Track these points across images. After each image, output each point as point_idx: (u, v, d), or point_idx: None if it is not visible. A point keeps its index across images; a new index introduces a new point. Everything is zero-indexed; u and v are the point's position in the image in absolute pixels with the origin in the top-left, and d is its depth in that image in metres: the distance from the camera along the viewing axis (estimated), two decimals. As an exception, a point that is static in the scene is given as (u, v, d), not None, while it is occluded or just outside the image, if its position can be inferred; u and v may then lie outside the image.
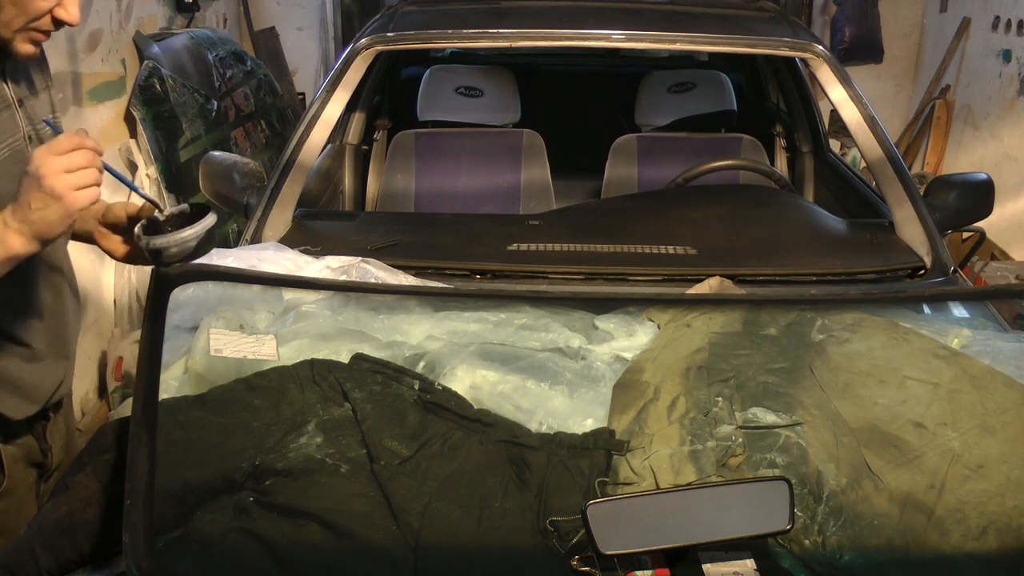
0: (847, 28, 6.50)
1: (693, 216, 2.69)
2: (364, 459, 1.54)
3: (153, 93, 4.04)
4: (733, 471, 1.54)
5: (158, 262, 1.59)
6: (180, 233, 1.57)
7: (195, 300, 1.94)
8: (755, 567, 1.31)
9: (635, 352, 1.87)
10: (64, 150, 1.38)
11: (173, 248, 1.57)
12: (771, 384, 1.71)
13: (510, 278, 2.33)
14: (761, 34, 2.81)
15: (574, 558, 1.34)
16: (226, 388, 1.69)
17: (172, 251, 1.57)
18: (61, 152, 1.38)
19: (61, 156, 1.37)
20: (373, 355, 1.78)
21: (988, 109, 5.54)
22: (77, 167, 1.38)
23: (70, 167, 1.37)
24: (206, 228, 1.59)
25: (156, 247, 1.57)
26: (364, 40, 2.72)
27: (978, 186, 2.67)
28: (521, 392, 1.72)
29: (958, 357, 1.76)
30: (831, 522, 1.45)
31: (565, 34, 2.77)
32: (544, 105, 3.90)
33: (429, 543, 1.39)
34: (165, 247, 1.57)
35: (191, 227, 1.57)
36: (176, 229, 1.58)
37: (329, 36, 6.53)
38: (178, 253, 1.58)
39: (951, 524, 1.43)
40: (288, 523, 1.42)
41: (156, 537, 1.37)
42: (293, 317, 1.96)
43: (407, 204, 3.37)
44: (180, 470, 1.49)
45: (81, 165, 1.38)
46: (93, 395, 3.77)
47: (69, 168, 1.37)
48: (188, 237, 1.57)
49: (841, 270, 2.38)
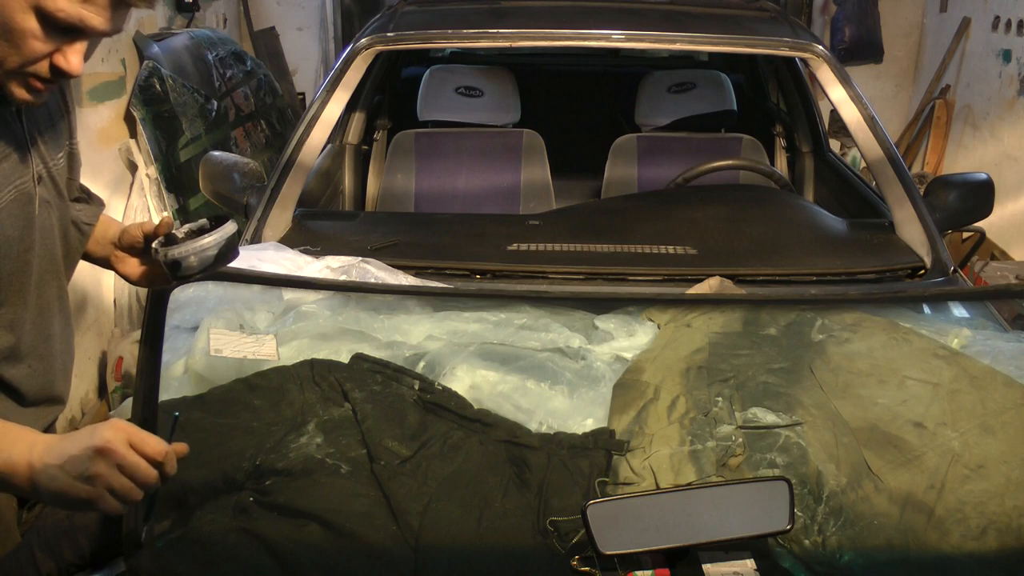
0: (847, 28, 6.50)
1: (693, 216, 2.69)
2: (364, 459, 1.54)
3: (153, 93, 4.04)
4: (733, 471, 1.54)
5: (177, 276, 1.50)
6: (198, 241, 1.47)
7: (195, 300, 1.95)
8: (755, 567, 1.31)
9: (635, 352, 1.87)
10: (143, 453, 1.18)
11: (192, 258, 1.47)
12: (771, 384, 1.71)
13: (510, 278, 2.33)
14: (761, 34, 2.81)
15: (574, 558, 1.34)
16: (226, 388, 1.69)
17: (191, 261, 1.47)
18: (139, 450, 1.18)
19: (132, 456, 1.18)
20: (373, 355, 1.78)
21: (988, 109, 5.54)
22: (132, 474, 1.18)
23: (130, 467, 1.18)
24: (226, 236, 1.49)
25: (174, 257, 1.47)
26: (364, 40, 2.72)
27: (978, 186, 2.67)
28: (521, 392, 1.72)
29: (958, 357, 1.76)
30: (831, 522, 1.45)
31: (565, 34, 2.77)
32: (544, 105, 3.90)
33: (429, 543, 1.39)
34: (183, 257, 1.46)
35: (209, 234, 1.47)
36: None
37: (329, 36, 6.53)
38: (197, 264, 1.48)
39: (951, 524, 1.43)
40: (288, 523, 1.42)
41: (156, 537, 1.37)
42: (293, 317, 1.96)
43: (407, 204, 3.37)
44: (180, 470, 1.48)
45: (138, 478, 1.18)
46: (93, 395, 3.76)
47: (129, 470, 1.18)
48: (207, 245, 1.47)
49: (841, 270, 2.38)
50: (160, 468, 1.19)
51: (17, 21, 1.27)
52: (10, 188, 1.45)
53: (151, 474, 1.18)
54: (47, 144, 1.54)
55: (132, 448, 1.17)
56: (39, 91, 1.36)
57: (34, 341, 1.56)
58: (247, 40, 6.10)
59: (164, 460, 1.19)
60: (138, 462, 1.17)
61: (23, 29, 1.28)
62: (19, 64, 1.31)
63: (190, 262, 1.47)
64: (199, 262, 1.47)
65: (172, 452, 1.21)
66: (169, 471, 1.21)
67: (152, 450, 1.18)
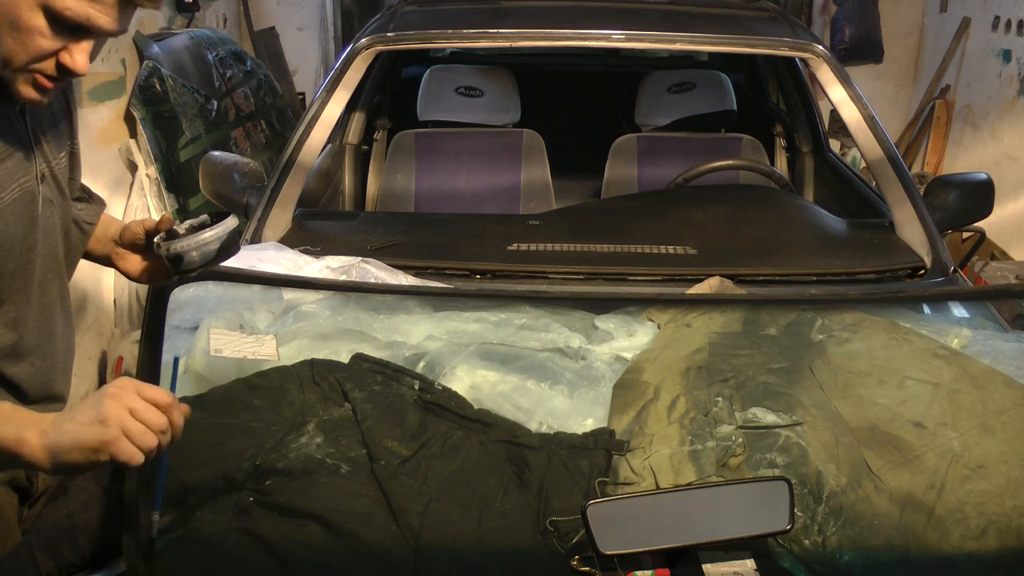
0: (847, 28, 6.50)
1: (693, 216, 2.69)
2: (364, 459, 1.54)
3: (153, 93, 4.04)
4: (733, 471, 1.54)
5: (179, 270, 1.52)
6: (200, 235, 1.49)
7: (195, 300, 1.95)
8: (755, 567, 1.31)
9: (635, 352, 1.87)
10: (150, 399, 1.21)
11: (193, 252, 1.50)
12: (771, 384, 1.71)
13: (510, 278, 2.33)
14: (761, 34, 2.81)
15: (574, 558, 1.34)
16: (226, 388, 1.69)
17: (193, 255, 1.50)
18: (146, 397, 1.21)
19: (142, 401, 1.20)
20: (373, 355, 1.78)
21: (988, 109, 5.54)
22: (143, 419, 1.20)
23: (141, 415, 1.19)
24: (227, 230, 1.51)
25: (176, 251, 1.49)
26: (364, 40, 2.72)
27: (978, 186, 2.67)
28: (521, 392, 1.72)
29: (958, 357, 1.76)
30: (831, 522, 1.45)
31: (565, 34, 2.77)
32: (544, 105, 3.90)
33: (429, 543, 1.39)
34: (185, 251, 1.49)
35: (211, 228, 1.50)
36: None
37: (329, 36, 6.53)
38: (199, 258, 1.50)
39: (951, 524, 1.43)
40: (288, 523, 1.42)
41: (156, 537, 1.37)
42: (293, 317, 1.96)
43: (407, 204, 3.37)
44: (180, 470, 1.48)
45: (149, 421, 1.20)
46: (93, 395, 3.76)
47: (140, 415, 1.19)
48: (208, 239, 1.49)
49: (841, 270, 2.38)
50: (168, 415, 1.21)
51: (25, 19, 1.29)
52: (14, 186, 1.46)
53: (161, 419, 1.20)
54: (50, 144, 1.55)
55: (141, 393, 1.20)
56: (46, 89, 1.37)
57: (36, 339, 1.57)
58: (247, 40, 6.10)
59: (171, 407, 1.21)
60: (148, 407, 1.19)
61: (31, 27, 1.29)
62: (26, 62, 1.33)
63: (192, 256, 1.48)
64: (201, 256, 1.49)
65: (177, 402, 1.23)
66: (175, 420, 1.22)
67: (160, 398, 1.20)
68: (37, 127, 1.52)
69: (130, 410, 1.18)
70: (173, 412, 1.22)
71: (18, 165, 1.47)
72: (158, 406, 1.20)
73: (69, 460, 1.20)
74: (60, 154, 1.58)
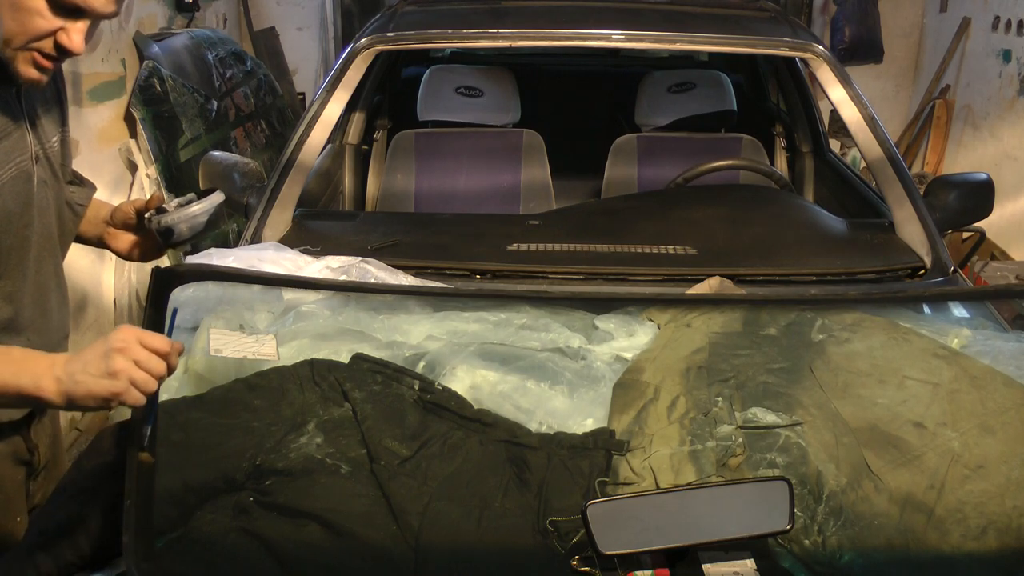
0: (847, 28, 6.50)
1: (693, 216, 2.69)
2: (364, 459, 1.54)
3: (153, 93, 4.04)
4: (733, 471, 1.54)
5: (169, 243, 1.63)
6: (188, 209, 1.61)
7: (195, 300, 1.94)
8: (755, 567, 1.31)
9: (635, 352, 1.87)
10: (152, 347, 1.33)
11: (183, 224, 1.62)
12: (771, 384, 1.71)
13: (510, 278, 2.33)
14: (761, 34, 2.81)
15: (574, 558, 1.34)
16: (226, 388, 1.69)
17: (182, 228, 1.62)
18: (148, 346, 1.33)
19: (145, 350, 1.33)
20: (373, 355, 1.78)
21: (988, 109, 5.54)
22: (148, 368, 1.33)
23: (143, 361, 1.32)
24: (214, 204, 1.63)
25: (167, 224, 1.61)
26: (364, 40, 2.72)
27: (978, 186, 2.67)
28: (521, 392, 1.72)
29: (958, 357, 1.76)
30: (831, 522, 1.45)
31: (565, 34, 2.76)
32: (544, 105, 3.90)
33: (429, 543, 1.39)
34: (175, 223, 1.61)
35: (198, 203, 1.62)
36: None
37: (329, 36, 6.53)
38: (188, 231, 1.62)
39: (951, 524, 1.43)
40: (288, 523, 1.42)
41: (156, 537, 1.37)
42: (293, 317, 1.96)
43: (407, 204, 3.37)
44: (180, 470, 1.49)
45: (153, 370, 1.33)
46: (93, 395, 3.76)
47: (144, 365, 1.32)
48: (197, 212, 1.62)
49: (841, 270, 2.38)
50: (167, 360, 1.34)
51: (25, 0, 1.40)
52: (10, 165, 1.55)
53: (162, 365, 1.33)
54: (43, 127, 1.65)
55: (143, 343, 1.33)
56: (45, 68, 1.48)
57: (32, 315, 1.65)
58: (247, 40, 6.10)
59: (170, 353, 1.34)
60: (151, 356, 1.32)
61: (30, 7, 1.40)
62: (25, 41, 1.43)
63: (181, 228, 1.62)
64: (190, 228, 1.63)
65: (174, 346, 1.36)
66: (173, 363, 1.35)
67: (160, 345, 1.33)
68: (32, 110, 1.61)
69: (135, 361, 1.31)
70: (172, 357, 1.34)
71: (15, 145, 1.56)
72: (158, 354, 1.33)
73: (82, 405, 1.36)
74: (53, 138, 1.67)
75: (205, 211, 1.63)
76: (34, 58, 1.46)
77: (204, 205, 1.63)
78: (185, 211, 1.62)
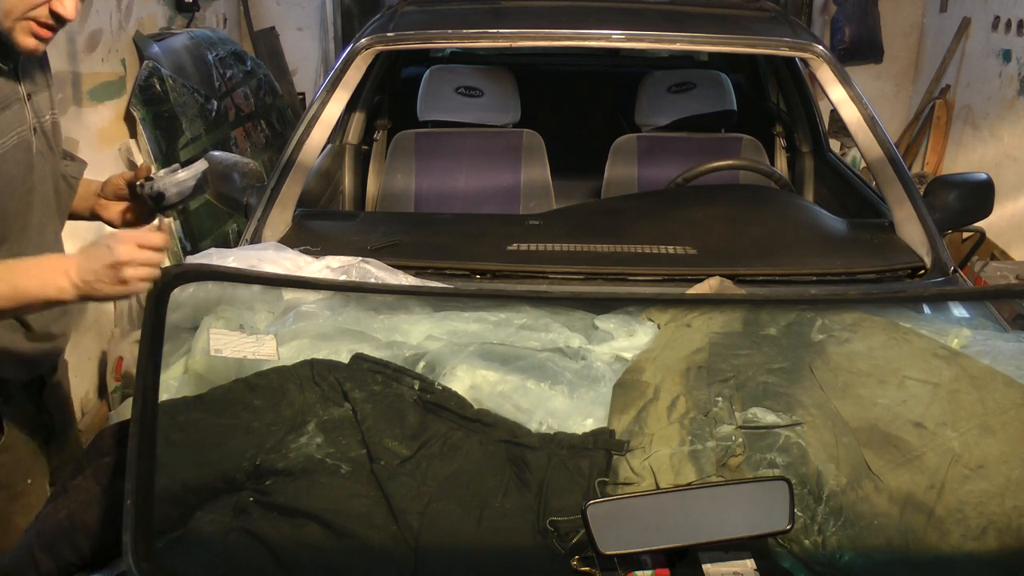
0: (847, 28, 6.50)
1: (693, 216, 2.69)
2: (364, 459, 1.54)
3: (153, 93, 4.04)
4: (733, 471, 1.54)
5: (160, 207, 1.81)
6: (176, 175, 1.80)
7: (195, 300, 1.94)
8: (755, 567, 1.30)
9: (635, 352, 1.87)
10: (147, 245, 1.59)
11: (172, 189, 1.79)
12: (771, 384, 1.71)
13: (510, 278, 2.33)
14: (761, 34, 2.81)
15: (574, 558, 1.34)
16: (226, 388, 1.69)
17: (171, 192, 1.79)
18: (144, 245, 1.59)
19: (142, 251, 1.58)
20: (373, 355, 1.78)
21: (988, 109, 5.54)
22: (147, 261, 1.59)
23: (146, 261, 1.58)
24: (200, 170, 1.82)
25: (158, 189, 1.78)
26: (364, 40, 2.72)
27: (978, 186, 2.67)
28: (521, 392, 1.72)
29: (958, 357, 1.75)
30: (831, 522, 1.45)
31: (565, 34, 2.76)
32: (544, 105, 3.90)
33: (429, 543, 1.39)
34: (165, 188, 1.78)
35: (185, 170, 1.80)
36: None
37: (329, 36, 6.53)
38: (177, 195, 1.80)
39: (951, 524, 1.43)
40: (288, 523, 1.42)
41: (156, 537, 1.37)
42: (293, 317, 1.96)
43: (407, 204, 3.37)
44: (180, 470, 1.49)
45: (151, 261, 1.59)
46: (93, 395, 3.76)
47: (144, 262, 1.58)
48: (184, 178, 1.80)
49: (841, 270, 2.38)
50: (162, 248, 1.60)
51: None
52: (12, 134, 1.69)
53: (160, 258, 1.60)
54: (37, 104, 1.79)
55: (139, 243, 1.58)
56: (42, 37, 1.63)
57: None
58: (247, 40, 6.10)
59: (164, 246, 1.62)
60: (150, 256, 1.59)
61: None
62: (23, 11, 1.58)
63: (171, 192, 1.79)
64: (179, 193, 1.80)
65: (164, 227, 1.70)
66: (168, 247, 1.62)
67: (156, 242, 1.60)
68: (28, 86, 1.75)
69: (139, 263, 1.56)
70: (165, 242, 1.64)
71: (15, 115, 1.70)
72: (155, 249, 1.60)
73: (97, 298, 1.62)
74: (45, 116, 1.83)
75: (192, 176, 1.80)
76: (31, 27, 1.60)
77: (191, 171, 1.80)
78: (173, 177, 1.79)
